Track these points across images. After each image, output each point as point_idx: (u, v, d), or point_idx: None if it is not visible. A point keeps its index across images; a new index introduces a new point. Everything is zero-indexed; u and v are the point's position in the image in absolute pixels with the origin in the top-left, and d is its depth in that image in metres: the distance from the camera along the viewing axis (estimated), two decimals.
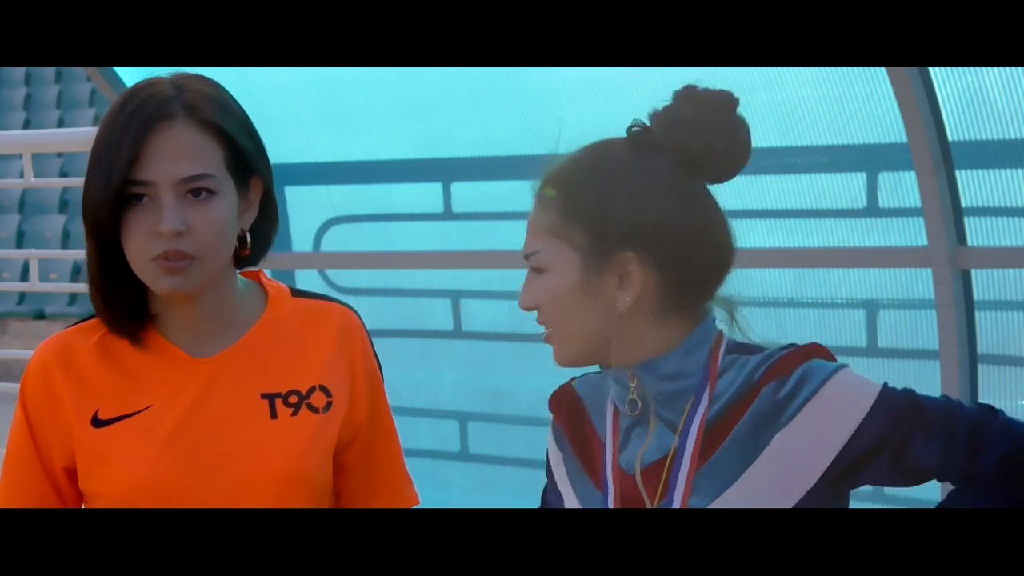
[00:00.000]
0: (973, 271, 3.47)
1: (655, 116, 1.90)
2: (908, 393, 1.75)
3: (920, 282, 3.56)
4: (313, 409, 1.95)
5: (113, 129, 1.89)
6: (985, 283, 3.49)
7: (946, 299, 3.45)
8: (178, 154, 1.88)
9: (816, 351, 1.78)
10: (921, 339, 3.62)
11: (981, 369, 3.49)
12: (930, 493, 1.95)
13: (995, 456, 1.72)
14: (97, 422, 1.93)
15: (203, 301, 1.95)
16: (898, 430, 1.72)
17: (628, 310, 1.78)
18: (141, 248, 1.86)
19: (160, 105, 1.93)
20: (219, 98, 2.00)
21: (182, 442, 1.90)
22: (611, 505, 1.81)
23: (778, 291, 3.79)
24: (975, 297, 3.48)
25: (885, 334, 3.70)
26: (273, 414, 1.93)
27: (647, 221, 1.80)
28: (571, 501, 1.87)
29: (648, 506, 1.78)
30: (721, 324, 1.84)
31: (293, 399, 1.95)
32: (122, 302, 1.92)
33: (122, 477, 1.89)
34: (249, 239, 2.00)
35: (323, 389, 1.97)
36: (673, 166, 1.84)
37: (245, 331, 1.98)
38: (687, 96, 1.93)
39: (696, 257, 1.81)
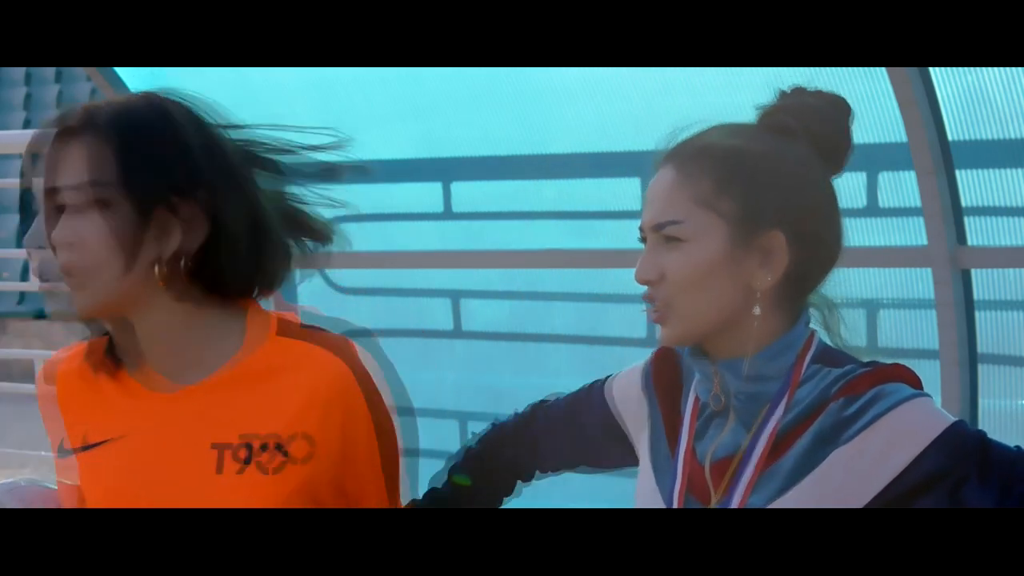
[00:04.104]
0: (973, 271, 3.47)
1: (782, 103, 1.87)
2: (979, 434, 1.72)
3: (920, 282, 3.56)
4: (262, 469, 1.77)
5: (27, 149, 1.82)
6: (985, 283, 3.49)
7: (946, 299, 3.45)
8: (67, 165, 1.76)
9: (898, 373, 1.78)
10: (921, 339, 3.62)
11: (981, 369, 3.49)
12: None
13: None
14: (80, 447, 1.84)
15: (140, 333, 1.79)
16: (957, 468, 1.70)
17: (755, 311, 1.75)
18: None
19: (61, 119, 1.79)
20: (139, 112, 1.81)
21: (131, 484, 1.80)
22: (677, 488, 1.81)
23: None
24: (975, 297, 3.48)
25: (885, 334, 3.70)
26: (219, 468, 1.77)
27: (798, 201, 1.79)
28: (644, 468, 1.88)
29: (712, 498, 1.78)
30: (814, 325, 1.84)
31: (243, 453, 1.77)
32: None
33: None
34: (190, 265, 1.78)
35: (279, 448, 1.77)
36: (810, 152, 1.84)
37: (211, 370, 1.81)
38: (806, 90, 1.91)
39: (824, 247, 1.82)
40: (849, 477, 1.71)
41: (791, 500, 1.72)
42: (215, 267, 1.80)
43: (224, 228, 1.80)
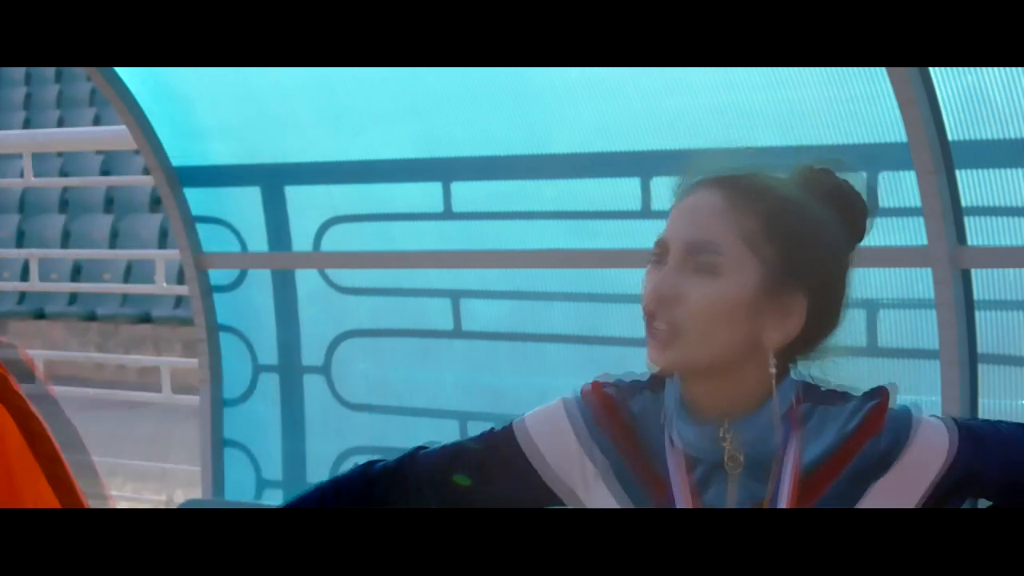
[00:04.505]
0: (973, 271, 3.47)
1: (820, 175, 1.85)
2: (969, 429, 1.80)
3: (920, 282, 3.56)
4: None
5: None
6: (985, 283, 3.49)
7: (946, 299, 3.45)
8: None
9: (889, 397, 1.80)
10: (921, 339, 3.62)
11: (981, 369, 3.49)
12: None
13: None
14: None
15: None
16: (972, 468, 1.78)
17: (771, 369, 1.75)
18: None
19: None
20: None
21: None
22: None
23: None
24: (975, 297, 3.48)
25: (885, 334, 3.70)
26: None
27: (827, 268, 1.79)
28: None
29: None
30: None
31: None
32: None
33: None
34: None
35: None
36: (843, 225, 1.83)
37: None
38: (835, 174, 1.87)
39: (832, 318, 1.82)
40: (890, 501, 1.76)
41: None
42: None
43: None
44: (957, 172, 3.41)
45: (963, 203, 3.43)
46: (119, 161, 13.23)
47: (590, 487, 1.84)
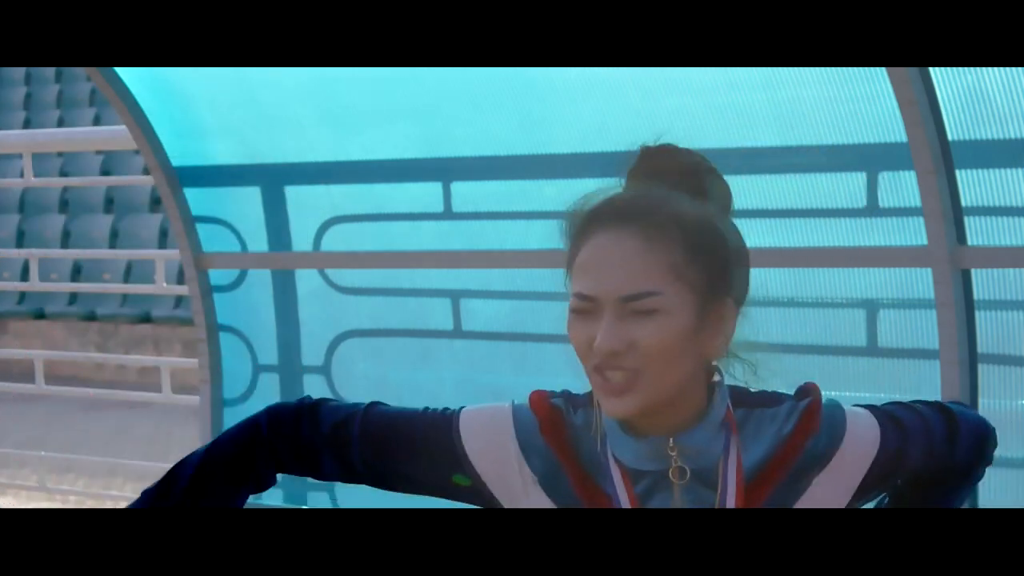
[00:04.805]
0: (973, 271, 3.47)
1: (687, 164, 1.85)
2: (890, 415, 1.88)
3: (920, 282, 3.56)
4: None
5: None
6: (985, 283, 3.49)
7: (946, 299, 3.45)
8: None
9: (818, 392, 1.85)
10: (921, 339, 3.62)
11: (981, 369, 3.49)
12: None
13: (966, 444, 1.91)
14: None
15: None
16: (898, 452, 1.86)
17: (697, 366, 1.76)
18: None
19: None
20: None
21: None
22: None
23: (778, 291, 3.79)
24: (975, 297, 3.48)
25: (885, 334, 3.70)
26: None
27: (741, 266, 1.82)
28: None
29: None
30: (740, 373, 1.87)
31: None
32: None
33: None
34: None
35: None
36: (717, 207, 1.83)
37: None
38: (676, 153, 1.88)
39: (742, 304, 1.83)
40: (830, 494, 1.82)
41: None
42: None
43: None
44: (957, 172, 3.42)
45: (963, 203, 3.44)
46: (119, 161, 13.23)
47: (529, 493, 1.84)
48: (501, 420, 1.86)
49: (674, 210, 1.76)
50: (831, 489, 1.82)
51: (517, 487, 1.85)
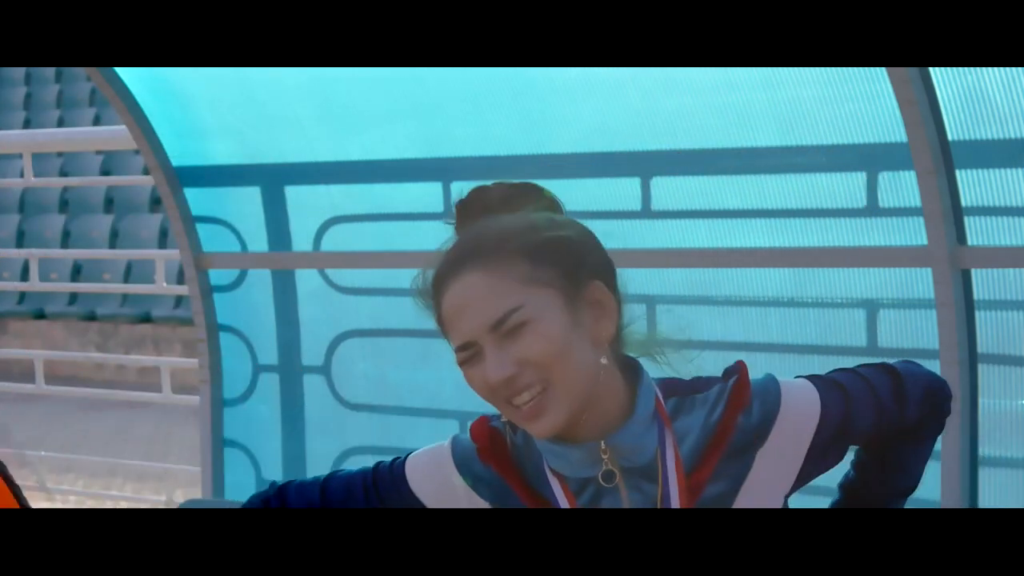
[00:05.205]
0: (973, 271, 3.47)
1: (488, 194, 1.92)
2: (832, 381, 1.90)
3: (920, 282, 3.56)
4: None
5: None
6: (985, 283, 3.49)
7: (946, 299, 3.45)
8: None
9: (746, 370, 1.87)
10: (921, 339, 3.62)
11: (981, 369, 3.49)
12: (929, 492, 1.98)
13: (915, 401, 1.92)
14: None
15: None
16: (843, 415, 1.87)
17: (602, 361, 1.78)
18: None
19: None
20: None
21: None
22: None
23: (778, 291, 3.79)
24: (975, 297, 3.48)
25: (885, 334, 3.70)
26: None
27: (592, 250, 1.83)
28: None
29: None
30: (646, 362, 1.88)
31: None
32: None
33: None
34: None
35: None
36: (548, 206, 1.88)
37: None
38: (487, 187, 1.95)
39: (616, 283, 1.85)
40: (778, 465, 1.83)
41: (741, 505, 1.81)
42: None
43: None
44: (957, 172, 3.42)
45: (963, 203, 3.44)
46: (119, 161, 13.24)
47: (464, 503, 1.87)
48: (442, 458, 1.90)
49: (500, 231, 1.81)
50: (777, 461, 1.83)
51: (449, 500, 1.87)
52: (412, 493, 1.89)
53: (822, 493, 2.07)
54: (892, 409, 1.91)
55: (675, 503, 1.79)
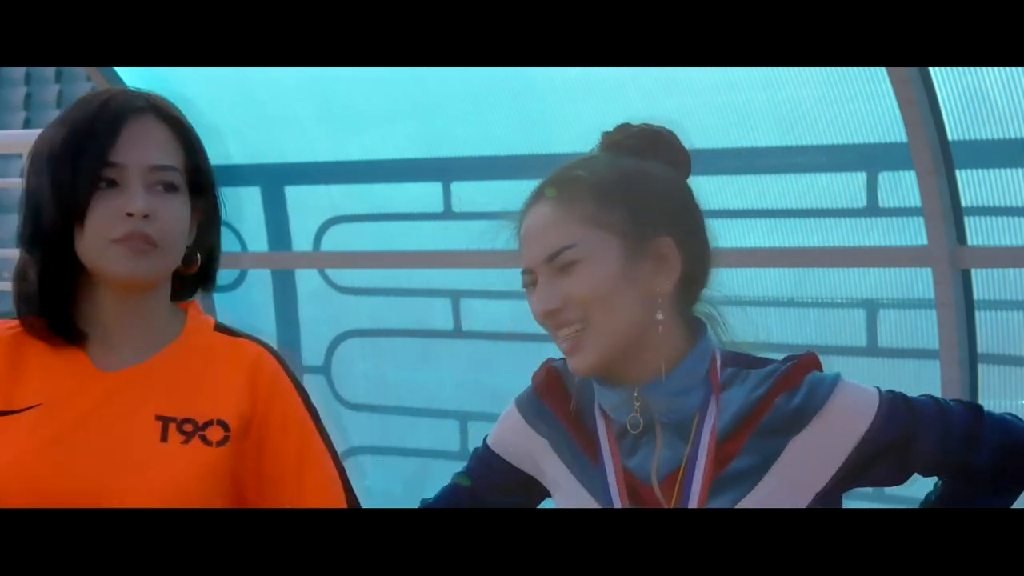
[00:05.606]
0: (973, 271, 3.47)
1: (619, 135, 1.98)
2: (904, 397, 1.85)
3: (920, 282, 3.56)
4: (207, 442, 1.89)
5: (84, 117, 1.89)
6: (985, 283, 3.49)
7: (946, 299, 3.45)
8: (149, 144, 1.91)
9: (814, 362, 1.85)
10: (921, 339, 3.62)
11: (981, 369, 3.49)
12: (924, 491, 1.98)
13: (990, 447, 1.86)
14: None
15: (133, 307, 1.92)
16: (901, 433, 1.82)
17: (658, 316, 1.80)
18: (104, 229, 1.86)
19: (131, 99, 1.92)
20: (180, 112, 1.99)
21: (65, 449, 1.87)
22: (618, 506, 1.83)
23: (778, 291, 3.79)
24: (975, 297, 3.48)
25: (885, 334, 3.70)
26: (164, 437, 1.88)
27: (674, 206, 1.85)
28: (568, 484, 1.88)
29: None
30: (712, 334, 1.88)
31: (188, 427, 1.89)
32: (63, 303, 1.91)
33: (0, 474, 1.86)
34: (199, 260, 1.98)
35: (221, 424, 1.90)
36: (661, 165, 1.91)
37: (155, 352, 1.94)
38: (631, 125, 2.02)
39: (704, 247, 1.87)
40: (809, 462, 1.80)
41: (760, 493, 1.79)
42: (203, 270, 2.01)
43: (215, 234, 2.03)
44: (957, 172, 3.42)
45: (963, 203, 3.44)
46: None
47: (547, 462, 1.90)
48: (509, 409, 1.96)
49: (582, 169, 1.86)
50: (812, 455, 1.80)
51: (539, 458, 1.91)
52: (498, 456, 1.95)
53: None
54: (959, 447, 1.85)
55: (700, 468, 1.80)
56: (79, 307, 1.92)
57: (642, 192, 1.83)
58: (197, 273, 2.00)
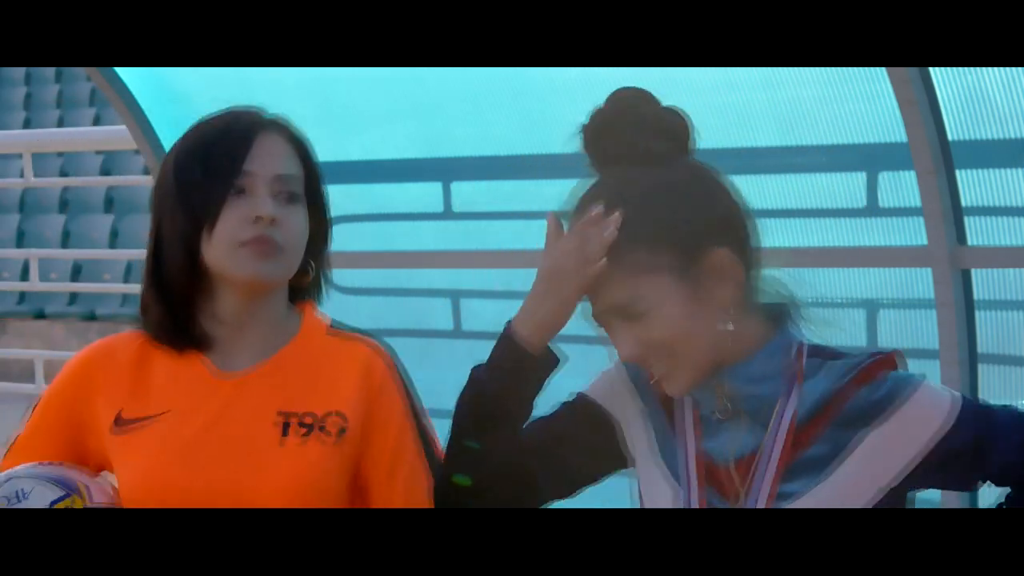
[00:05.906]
0: (973, 271, 3.47)
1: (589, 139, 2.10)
2: (986, 405, 1.88)
3: (920, 282, 3.56)
4: (326, 432, 2.02)
5: (216, 132, 2.03)
6: (985, 283, 3.49)
7: (946, 299, 3.45)
8: (277, 156, 2.05)
9: (900, 359, 1.89)
10: (921, 339, 3.62)
11: (981, 369, 3.49)
12: (929, 492, 1.98)
13: None
14: (119, 421, 2.03)
15: (253, 311, 2.04)
16: (977, 440, 1.83)
17: (729, 327, 1.83)
18: (234, 233, 1.97)
19: (259, 116, 2.09)
20: (301, 131, 2.15)
21: (196, 456, 1.98)
22: (695, 485, 1.86)
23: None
24: (975, 297, 3.48)
25: (885, 334, 3.70)
26: (284, 433, 2.00)
27: (727, 213, 1.89)
28: (649, 456, 1.92)
29: (739, 492, 1.85)
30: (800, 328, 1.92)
31: (308, 420, 2.02)
32: (191, 309, 2.02)
33: (134, 480, 1.96)
34: (312, 270, 2.11)
35: (340, 415, 2.03)
36: (692, 161, 1.95)
37: (273, 353, 2.07)
38: (592, 116, 2.13)
39: (753, 248, 1.91)
40: (882, 456, 1.82)
41: (830, 482, 1.82)
42: (316, 279, 2.17)
43: (325, 247, 2.18)
44: (957, 172, 3.41)
45: (963, 203, 3.44)
46: (119, 161, 13.23)
47: (637, 427, 1.94)
48: (614, 372, 1.99)
49: (612, 208, 1.89)
50: (884, 451, 1.82)
51: (631, 419, 1.95)
52: (595, 403, 1.98)
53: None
54: None
55: (775, 453, 1.83)
56: (202, 314, 2.04)
57: (690, 208, 1.86)
58: (311, 283, 2.13)
